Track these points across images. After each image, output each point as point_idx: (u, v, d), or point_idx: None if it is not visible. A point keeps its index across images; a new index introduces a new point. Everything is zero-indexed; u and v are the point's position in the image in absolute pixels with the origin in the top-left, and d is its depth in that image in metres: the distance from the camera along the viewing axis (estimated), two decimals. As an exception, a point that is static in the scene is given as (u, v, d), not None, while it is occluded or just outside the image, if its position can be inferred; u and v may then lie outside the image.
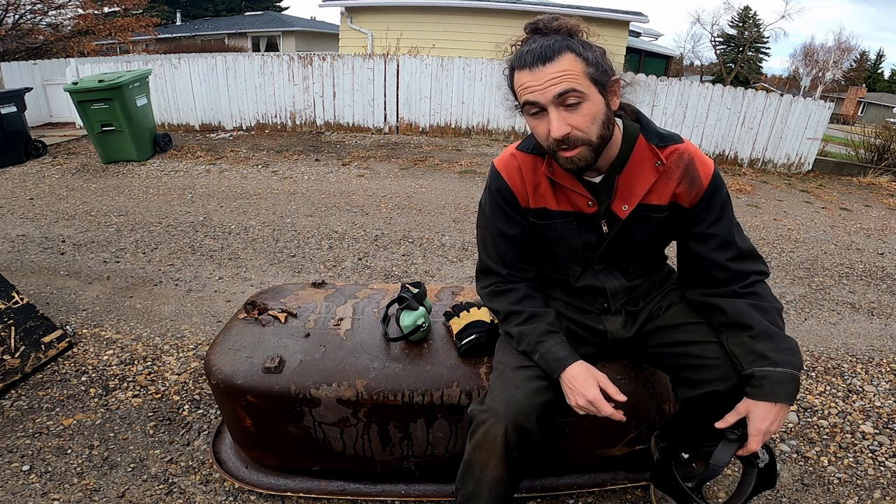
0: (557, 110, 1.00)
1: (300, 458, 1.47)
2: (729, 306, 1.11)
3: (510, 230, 1.22)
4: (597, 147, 1.05)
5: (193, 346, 2.31)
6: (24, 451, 1.66)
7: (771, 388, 1.00)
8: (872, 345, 2.58)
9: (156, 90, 7.05)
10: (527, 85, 1.01)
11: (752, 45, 35.79)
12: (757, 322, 1.06)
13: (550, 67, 0.98)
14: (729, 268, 1.13)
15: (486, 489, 1.13)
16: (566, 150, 1.04)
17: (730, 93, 6.95)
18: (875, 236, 4.42)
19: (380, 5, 10.54)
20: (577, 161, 1.05)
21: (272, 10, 27.81)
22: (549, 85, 0.98)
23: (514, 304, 1.21)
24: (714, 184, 1.13)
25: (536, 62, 0.99)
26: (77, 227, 3.79)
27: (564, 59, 0.98)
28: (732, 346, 1.09)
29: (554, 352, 1.12)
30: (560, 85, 0.98)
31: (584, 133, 1.02)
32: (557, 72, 0.98)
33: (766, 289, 1.13)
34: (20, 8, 11.22)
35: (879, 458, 1.78)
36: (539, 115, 1.03)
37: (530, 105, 1.02)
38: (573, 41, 1.01)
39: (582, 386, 1.07)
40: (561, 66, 0.98)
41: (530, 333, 1.16)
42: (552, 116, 1.00)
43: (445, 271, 3.21)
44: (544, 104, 1.00)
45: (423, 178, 5.43)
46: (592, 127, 1.02)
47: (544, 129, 1.04)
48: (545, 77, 0.98)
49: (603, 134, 1.04)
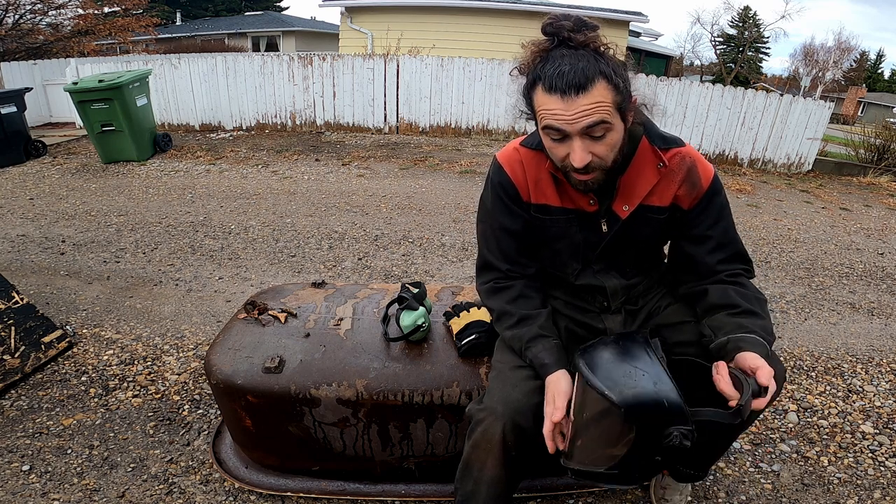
0: (583, 140, 0.98)
1: (300, 458, 1.47)
2: (714, 290, 1.14)
3: (512, 224, 1.21)
4: (610, 170, 1.06)
5: (193, 346, 2.31)
6: (24, 451, 1.66)
7: (751, 346, 0.99)
8: (872, 345, 2.58)
9: (156, 90, 7.04)
10: (555, 112, 0.96)
11: (752, 45, 35.81)
12: (741, 304, 1.08)
13: (583, 99, 0.93)
14: (719, 269, 1.16)
15: (484, 488, 1.13)
16: (582, 175, 1.04)
17: (730, 93, 6.95)
18: (875, 236, 4.42)
19: (380, 5, 10.54)
20: (591, 185, 1.06)
21: (272, 10, 27.81)
22: (580, 117, 0.94)
23: (507, 304, 1.20)
24: (713, 187, 1.15)
25: (569, 90, 0.93)
26: (77, 227, 3.79)
27: (597, 88, 0.93)
28: (711, 322, 1.10)
29: (540, 358, 1.11)
30: (592, 117, 0.95)
31: (603, 160, 1.02)
32: (591, 104, 0.94)
33: (750, 282, 1.16)
34: (20, 8, 11.22)
35: (879, 458, 1.78)
36: (560, 140, 1.00)
37: (554, 131, 0.99)
38: (604, 63, 0.95)
39: (555, 399, 1.05)
40: (594, 98, 0.94)
41: (520, 337, 1.16)
42: (576, 146, 0.98)
43: (445, 271, 3.21)
44: (570, 133, 0.98)
45: (423, 178, 5.43)
46: (611, 154, 1.02)
47: (562, 153, 1.02)
48: (577, 108, 0.94)
49: (618, 158, 1.05)
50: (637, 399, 0.89)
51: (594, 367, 0.96)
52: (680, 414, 0.88)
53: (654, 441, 0.90)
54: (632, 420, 0.90)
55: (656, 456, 0.93)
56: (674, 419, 0.88)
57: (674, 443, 0.88)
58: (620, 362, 0.96)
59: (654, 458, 0.93)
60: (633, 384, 0.91)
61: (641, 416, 0.89)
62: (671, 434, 0.88)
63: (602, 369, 0.95)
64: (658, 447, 0.90)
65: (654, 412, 0.89)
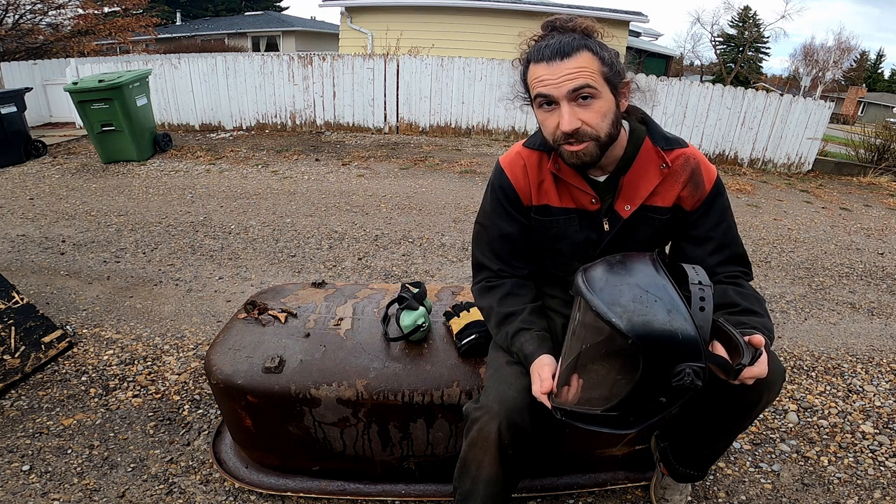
0: (570, 105, 1.02)
1: (300, 457, 1.47)
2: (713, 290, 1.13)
3: (508, 228, 1.22)
4: (603, 144, 1.06)
5: (193, 345, 2.31)
6: (24, 451, 1.66)
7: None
8: (872, 345, 2.58)
9: (156, 90, 7.05)
10: (542, 78, 1.02)
11: (752, 45, 35.79)
12: (740, 303, 1.08)
13: (568, 63, 1.00)
14: (717, 271, 1.16)
15: (482, 487, 1.13)
16: (573, 145, 1.05)
17: (730, 93, 6.95)
18: (875, 236, 4.42)
19: (380, 5, 10.54)
20: (583, 156, 1.06)
21: (272, 10, 27.82)
22: (565, 80, 1.00)
23: (495, 303, 1.21)
24: (716, 189, 1.16)
25: (554, 56, 1.00)
26: (77, 227, 3.79)
27: (581, 56, 1.00)
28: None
29: (523, 349, 1.12)
30: (576, 80, 1.00)
31: (593, 129, 1.03)
32: (574, 67, 1.00)
33: (748, 284, 1.16)
34: (20, 8, 11.22)
35: (879, 457, 1.78)
36: (550, 108, 1.04)
37: (542, 98, 1.04)
38: (590, 40, 1.03)
39: (539, 374, 1.05)
40: (578, 63, 1.00)
41: (506, 334, 1.16)
42: (564, 110, 1.02)
43: (445, 271, 3.21)
44: (557, 98, 1.02)
45: (423, 177, 5.43)
46: (602, 124, 1.04)
47: (553, 122, 1.05)
48: (562, 72, 1.00)
49: (611, 132, 1.06)
50: (647, 329, 0.77)
51: (597, 289, 0.84)
52: (694, 349, 0.77)
53: (661, 379, 0.79)
54: (641, 353, 0.78)
55: (661, 397, 0.82)
56: (687, 354, 0.78)
57: (685, 382, 0.78)
58: (628, 285, 0.83)
59: (659, 399, 0.82)
60: (643, 311, 0.79)
61: (651, 349, 0.78)
62: (682, 372, 0.78)
63: (606, 292, 0.83)
64: (665, 386, 0.80)
65: (667, 346, 0.77)
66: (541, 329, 1.15)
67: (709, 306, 0.81)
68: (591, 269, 0.92)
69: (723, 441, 1.23)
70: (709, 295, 0.82)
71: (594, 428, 0.90)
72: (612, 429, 0.89)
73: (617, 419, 0.87)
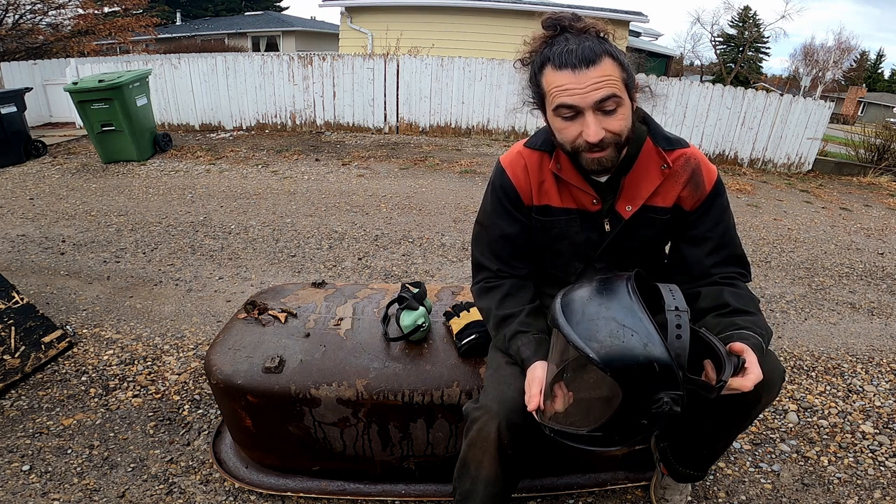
0: (595, 115, 0.99)
1: (300, 457, 1.47)
2: (707, 291, 1.13)
3: (508, 228, 1.22)
4: (622, 147, 1.06)
5: (193, 345, 2.31)
6: (24, 451, 1.66)
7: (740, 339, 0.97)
8: (872, 345, 2.58)
9: (156, 90, 7.05)
10: (567, 87, 0.98)
11: (752, 45, 35.78)
12: (732, 303, 1.08)
13: (593, 71, 0.96)
14: (714, 272, 1.16)
15: (481, 487, 1.13)
16: (596, 153, 1.03)
17: (730, 93, 6.95)
18: (875, 236, 4.42)
19: (380, 5, 10.55)
20: (605, 162, 1.05)
21: (272, 10, 27.82)
22: (592, 89, 0.97)
23: (494, 304, 1.20)
24: (716, 189, 1.16)
25: (580, 64, 0.96)
26: (77, 227, 3.79)
27: (605, 63, 0.97)
28: (704, 324, 1.08)
29: (521, 353, 1.11)
30: (602, 90, 0.97)
31: (616, 136, 1.02)
32: (599, 76, 0.96)
33: (745, 285, 1.15)
34: (20, 8, 11.22)
35: (879, 458, 1.78)
36: (571, 116, 1.01)
37: (566, 108, 1.00)
38: (609, 45, 1.00)
39: (530, 387, 1.04)
40: (603, 71, 0.96)
41: (504, 336, 1.16)
42: (589, 121, 0.99)
43: (445, 271, 3.21)
44: (583, 108, 0.99)
45: (423, 178, 5.43)
46: (624, 129, 1.03)
47: (575, 131, 1.02)
48: (588, 81, 0.96)
49: (629, 135, 1.05)
50: (624, 364, 0.83)
51: (574, 322, 0.88)
52: (671, 378, 0.82)
53: (641, 405, 0.84)
54: (619, 384, 0.84)
55: (642, 420, 0.87)
56: (664, 384, 0.82)
57: (663, 409, 0.83)
58: (604, 319, 0.87)
59: (641, 421, 0.88)
60: (619, 346, 0.84)
61: (629, 381, 0.83)
62: (660, 400, 0.83)
63: (583, 327, 0.87)
64: (646, 412, 0.85)
65: (644, 377, 0.82)
66: (538, 331, 1.15)
67: (685, 333, 0.85)
68: (568, 301, 0.93)
69: (722, 441, 1.23)
70: (685, 321, 0.86)
71: (581, 446, 0.95)
72: (597, 447, 0.94)
73: (601, 439, 0.92)
